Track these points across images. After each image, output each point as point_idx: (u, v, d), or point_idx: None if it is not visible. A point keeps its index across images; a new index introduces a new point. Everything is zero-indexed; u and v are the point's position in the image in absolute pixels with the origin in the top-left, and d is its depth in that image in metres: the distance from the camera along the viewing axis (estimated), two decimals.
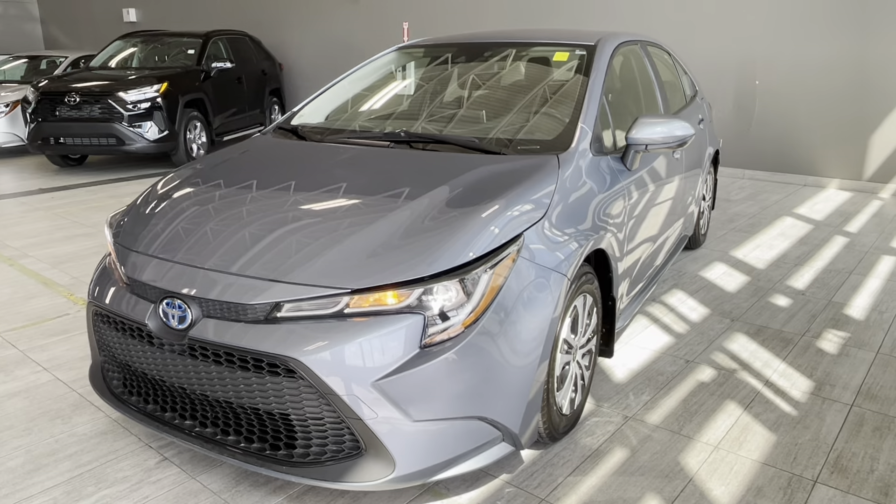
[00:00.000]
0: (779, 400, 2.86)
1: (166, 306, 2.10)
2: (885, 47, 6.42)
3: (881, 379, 3.03)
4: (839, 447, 2.53)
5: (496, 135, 2.86)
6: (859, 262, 4.63)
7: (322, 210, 2.27)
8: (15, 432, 2.67)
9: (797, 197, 6.62)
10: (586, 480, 2.34)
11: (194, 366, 2.08)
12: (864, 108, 6.66)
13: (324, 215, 2.23)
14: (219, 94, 8.78)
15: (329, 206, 2.29)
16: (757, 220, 5.77)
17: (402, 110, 3.34)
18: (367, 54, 10.50)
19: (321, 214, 2.24)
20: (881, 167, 6.70)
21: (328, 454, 2.02)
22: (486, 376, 2.02)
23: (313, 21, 11.10)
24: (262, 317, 1.99)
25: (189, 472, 2.40)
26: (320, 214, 2.24)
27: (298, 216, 2.24)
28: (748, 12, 7.10)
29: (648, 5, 7.70)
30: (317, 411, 1.97)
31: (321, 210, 2.27)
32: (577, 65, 3.19)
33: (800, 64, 6.91)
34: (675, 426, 2.67)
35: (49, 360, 3.27)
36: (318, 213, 2.25)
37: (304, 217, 2.24)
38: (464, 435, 2.04)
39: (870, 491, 2.28)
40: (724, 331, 3.55)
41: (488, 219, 2.14)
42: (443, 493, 2.28)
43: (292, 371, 1.93)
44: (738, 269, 4.52)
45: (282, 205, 2.34)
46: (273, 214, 2.27)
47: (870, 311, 3.78)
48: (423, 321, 1.95)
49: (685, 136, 2.89)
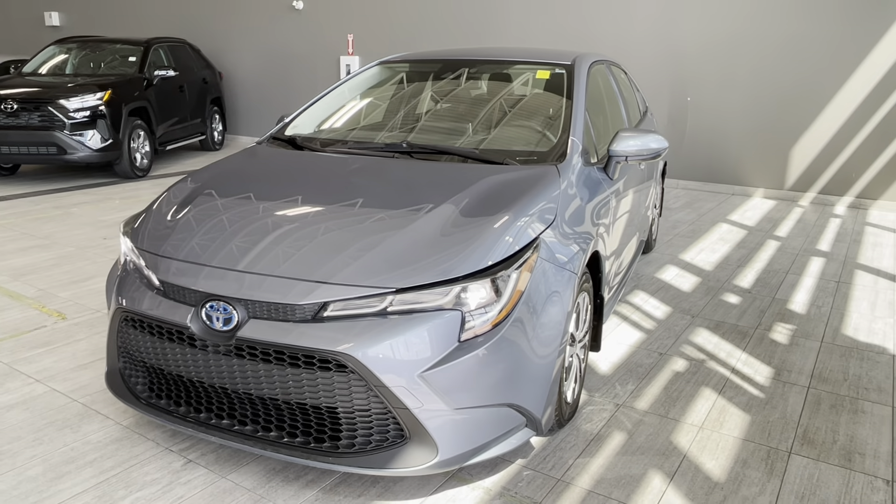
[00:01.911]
0: (746, 385, 3.19)
1: (210, 309, 2.18)
2: (804, 69, 7.08)
3: (829, 364, 3.42)
4: (804, 423, 2.86)
5: (493, 146, 3.07)
6: (792, 264, 5.12)
7: (352, 216, 2.41)
8: (24, 443, 2.64)
9: (728, 205, 7.17)
10: (594, 461, 2.57)
11: (240, 365, 2.17)
12: (784, 124, 7.31)
13: (355, 221, 2.37)
14: (161, 103, 8.62)
15: (357, 212, 2.43)
16: (696, 226, 6.23)
17: (396, 123, 3.51)
18: (309, 64, 10.54)
19: (352, 220, 2.38)
20: (800, 178, 7.36)
21: (373, 444, 2.16)
22: (516, 366, 2.21)
23: (252, 29, 11.03)
24: (309, 316, 2.11)
25: (217, 471, 2.47)
26: (351, 220, 2.38)
27: (330, 222, 2.37)
28: (680, 32, 7.65)
29: (587, 25, 8.16)
30: (364, 403, 2.10)
31: (351, 216, 2.41)
32: (560, 81, 3.45)
33: (727, 82, 7.51)
34: (661, 411, 2.94)
35: (39, 372, 3.22)
36: (348, 219, 2.39)
37: (336, 223, 2.37)
38: (495, 421, 2.23)
39: (836, 458, 2.62)
40: (687, 326, 3.89)
41: (511, 223, 2.35)
42: (466, 478, 2.45)
43: (343, 366, 2.06)
44: (689, 270, 4.91)
45: (311, 211, 2.46)
46: (305, 220, 2.39)
47: (809, 306, 4.22)
48: (461, 317, 2.13)
49: (660, 148, 3.19)
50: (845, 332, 3.82)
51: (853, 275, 4.85)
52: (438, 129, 3.32)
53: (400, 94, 3.73)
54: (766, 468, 2.54)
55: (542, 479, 2.45)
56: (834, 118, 7.06)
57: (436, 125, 3.38)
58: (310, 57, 10.55)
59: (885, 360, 3.48)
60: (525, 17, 8.57)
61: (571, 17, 8.26)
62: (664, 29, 7.74)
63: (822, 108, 7.09)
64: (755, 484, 2.45)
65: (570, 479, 2.46)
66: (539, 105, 3.36)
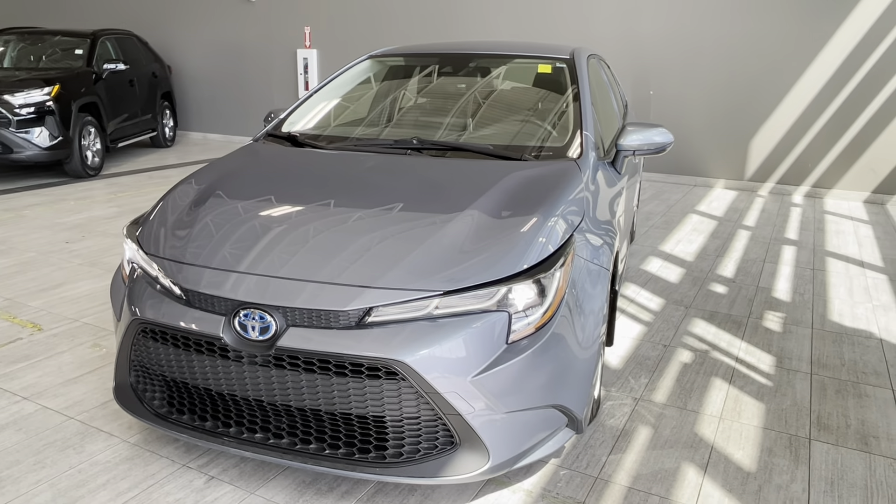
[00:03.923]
0: (753, 374, 3.26)
1: (244, 318, 2.06)
2: (762, 64, 7.31)
3: (824, 350, 3.53)
4: (816, 409, 2.94)
5: (506, 142, 3.02)
6: (767, 252, 5.27)
7: (384, 218, 2.31)
8: (25, 467, 2.45)
9: (693, 196, 7.35)
10: (626, 457, 2.56)
11: (279, 376, 2.06)
12: (743, 117, 7.52)
13: (388, 223, 2.28)
14: (112, 98, 8.20)
15: (388, 213, 2.34)
16: (668, 217, 6.35)
17: (401, 119, 3.41)
18: (264, 58, 10.24)
19: (385, 222, 2.29)
20: (759, 168, 7.60)
21: (421, 452, 2.08)
22: (562, 367, 2.18)
23: (202, 21, 10.63)
24: (353, 322, 2.02)
25: (244, 487, 2.35)
26: (384, 222, 2.29)
27: (363, 224, 2.28)
28: (642, 28, 7.77)
29: (550, 20, 8.19)
30: (413, 410, 2.03)
31: (383, 218, 2.31)
32: (563, 75, 3.42)
33: (688, 77, 7.68)
34: (679, 403, 2.97)
35: (25, 389, 3.00)
36: (381, 220, 2.30)
37: (369, 225, 2.27)
38: (541, 423, 2.19)
39: (853, 442, 2.69)
40: (684, 317, 3.95)
41: (547, 221, 2.30)
42: (505, 481, 2.40)
43: (393, 373, 1.98)
44: (672, 262, 4.99)
45: (340, 213, 2.35)
46: (337, 223, 2.29)
47: (793, 294, 4.35)
48: (508, 319, 2.08)
49: (665, 142, 3.20)
50: (832, 319, 3.95)
51: (825, 262, 5.03)
52: (446, 125, 3.25)
53: (399, 89, 3.63)
54: (791, 456, 2.59)
55: (581, 479, 2.43)
56: (790, 111, 7.31)
57: (442, 121, 3.30)
58: (265, 50, 10.25)
59: (874, 344, 3.61)
60: (486, 11, 8.54)
61: (535, 12, 8.28)
62: (627, 25, 7.85)
63: (779, 101, 7.34)
64: (785, 472, 2.49)
65: (607, 476, 2.45)
66: (546, 99, 3.33)
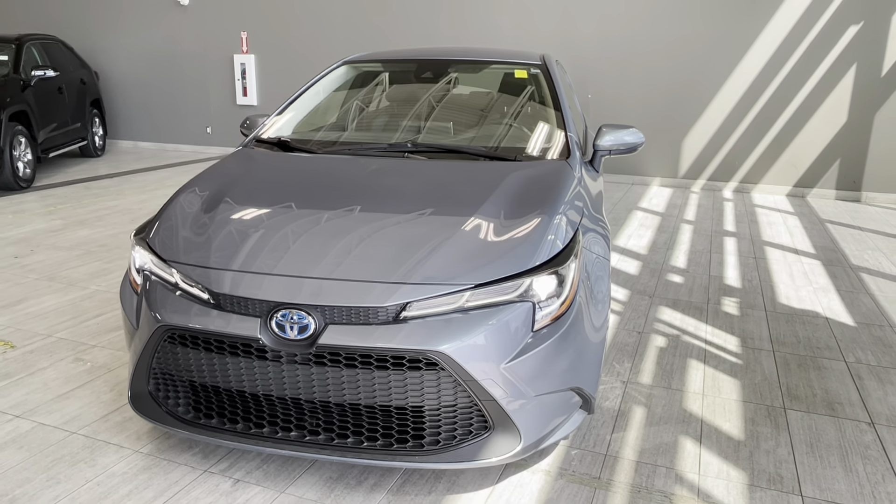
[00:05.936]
0: (723, 354, 3.53)
1: (281, 318, 2.11)
2: (691, 67, 7.79)
3: (780, 329, 3.86)
4: (784, 382, 3.23)
5: (500, 144, 3.17)
6: (711, 244, 5.65)
7: (404, 217, 2.41)
8: (39, 484, 2.39)
9: (633, 194, 7.74)
10: (628, 434, 2.75)
11: (319, 373, 2.12)
12: (675, 118, 7.99)
13: (410, 222, 2.38)
14: (42, 106, 7.83)
15: (407, 213, 2.44)
16: (615, 214, 6.68)
17: (390, 123, 3.49)
18: (198, 64, 10.01)
19: (407, 222, 2.38)
20: (691, 166, 8.08)
21: (457, 438, 2.19)
22: (580, 351, 2.34)
23: (130, 25, 10.28)
24: (391, 317, 2.10)
25: (272, 487, 2.38)
26: (406, 222, 2.38)
27: (386, 224, 2.36)
28: (579, 33, 8.12)
29: (490, 26, 8.43)
30: (451, 398, 2.13)
31: (403, 218, 2.41)
32: (539, 79, 3.60)
33: (623, 80, 8.08)
34: (664, 383, 3.19)
35: (15, 407, 2.90)
36: (401, 220, 2.39)
37: (392, 225, 2.36)
38: (561, 405, 2.34)
39: (822, 409, 2.99)
40: (650, 306, 4.21)
41: (557, 216, 2.46)
42: (523, 464, 2.54)
43: (434, 364, 2.08)
44: (628, 255, 5.28)
45: (361, 214, 2.43)
46: (361, 224, 2.37)
47: (742, 280, 4.71)
48: (533, 308, 2.21)
49: (637, 142, 3.43)
50: (781, 301, 4.31)
51: (764, 251, 5.45)
52: (436, 129, 3.37)
53: (381, 94, 3.72)
54: (772, 424, 2.85)
55: (592, 457, 2.59)
56: (718, 112, 7.82)
57: (430, 124, 3.41)
58: (199, 56, 10.02)
59: (821, 322, 3.98)
60: (428, 15, 8.69)
61: (477, 16, 8.50)
62: (565, 30, 8.18)
63: (708, 103, 7.84)
64: (770, 438, 2.75)
65: (615, 452, 2.62)
66: (528, 103, 3.49)
